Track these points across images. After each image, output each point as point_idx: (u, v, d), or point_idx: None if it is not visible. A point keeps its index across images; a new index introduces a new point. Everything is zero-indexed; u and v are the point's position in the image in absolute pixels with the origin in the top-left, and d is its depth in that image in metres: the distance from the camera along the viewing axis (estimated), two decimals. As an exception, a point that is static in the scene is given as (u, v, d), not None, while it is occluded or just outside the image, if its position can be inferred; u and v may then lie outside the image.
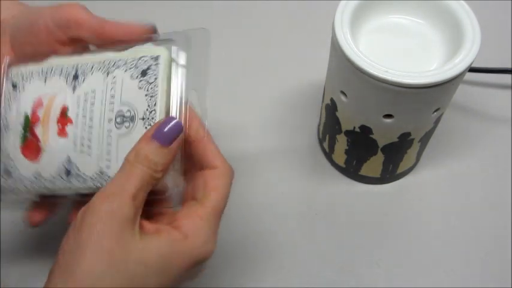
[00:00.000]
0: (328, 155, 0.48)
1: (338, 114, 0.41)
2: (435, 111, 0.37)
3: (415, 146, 0.42)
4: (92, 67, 0.33)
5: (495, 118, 0.51)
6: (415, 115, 0.37)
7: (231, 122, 0.51)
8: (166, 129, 0.29)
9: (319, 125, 0.49)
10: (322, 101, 0.45)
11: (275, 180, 0.47)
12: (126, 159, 0.28)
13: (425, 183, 0.47)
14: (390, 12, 0.39)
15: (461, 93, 0.52)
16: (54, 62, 0.35)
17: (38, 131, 0.34)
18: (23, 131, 0.34)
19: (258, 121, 0.51)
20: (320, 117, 0.48)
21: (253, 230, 0.44)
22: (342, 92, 0.38)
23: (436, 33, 0.38)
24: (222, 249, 0.44)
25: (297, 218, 0.45)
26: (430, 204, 0.46)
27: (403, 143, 0.40)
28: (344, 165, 0.46)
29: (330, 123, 0.43)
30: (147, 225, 0.29)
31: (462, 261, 0.43)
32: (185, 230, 0.28)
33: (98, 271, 0.25)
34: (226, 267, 0.43)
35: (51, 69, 0.34)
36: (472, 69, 0.49)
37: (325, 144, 0.47)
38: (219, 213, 0.30)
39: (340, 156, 0.46)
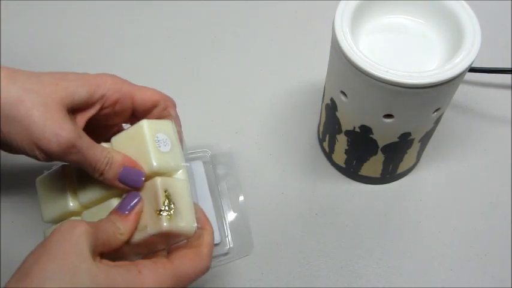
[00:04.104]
0: (328, 155, 0.48)
1: (338, 114, 0.41)
2: (435, 111, 0.37)
3: (415, 146, 0.42)
4: None
5: (495, 118, 0.51)
6: (415, 115, 0.37)
7: (231, 121, 0.51)
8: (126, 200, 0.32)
9: (319, 125, 0.49)
10: (322, 101, 0.45)
11: (275, 180, 0.47)
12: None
13: (425, 183, 0.47)
14: (390, 12, 0.39)
15: (461, 93, 0.52)
16: None
17: None
18: None
19: (258, 121, 0.51)
20: (320, 117, 0.48)
21: (253, 230, 0.44)
22: (342, 92, 0.38)
23: (436, 33, 0.38)
24: (222, 249, 0.44)
25: (297, 218, 0.45)
26: (430, 204, 0.46)
27: (403, 143, 0.40)
28: (344, 165, 0.46)
29: (330, 123, 0.43)
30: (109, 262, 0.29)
31: (462, 261, 0.43)
32: (141, 267, 0.29)
33: (49, 271, 0.26)
34: (226, 267, 0.43)
35: None
36: (472, 69, 0.49)
37: (325, 144, 0.47)
38: (181, 278, 0.30)
39: (340, 156, 0.46)
